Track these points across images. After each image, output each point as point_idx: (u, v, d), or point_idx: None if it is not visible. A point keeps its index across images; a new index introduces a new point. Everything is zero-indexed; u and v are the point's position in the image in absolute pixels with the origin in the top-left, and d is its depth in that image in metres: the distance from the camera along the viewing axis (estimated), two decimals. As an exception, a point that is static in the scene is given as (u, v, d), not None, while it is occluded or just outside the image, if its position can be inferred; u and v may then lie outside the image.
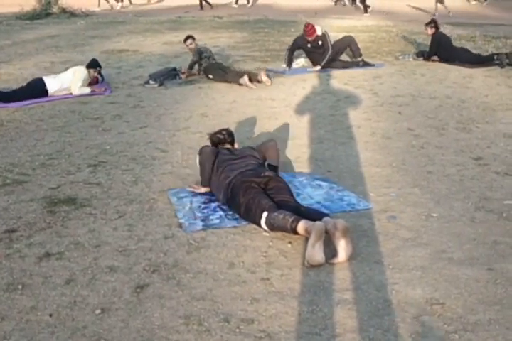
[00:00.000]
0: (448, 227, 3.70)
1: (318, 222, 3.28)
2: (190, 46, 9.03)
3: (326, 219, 3.38)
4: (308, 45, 9.24)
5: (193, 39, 9.08)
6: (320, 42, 9.13)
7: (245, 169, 4.02)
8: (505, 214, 3.89)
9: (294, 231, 3.39)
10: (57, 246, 3.50)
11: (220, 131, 4.59)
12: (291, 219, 3.38)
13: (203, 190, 4.28)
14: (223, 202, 4.07)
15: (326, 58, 9.07)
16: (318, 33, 9.16)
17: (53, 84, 7.58)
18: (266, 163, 4.33)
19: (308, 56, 9.48)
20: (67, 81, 7.67)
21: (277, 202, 3.69)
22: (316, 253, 3.18)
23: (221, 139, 4.51)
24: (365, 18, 17.87)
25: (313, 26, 9.24)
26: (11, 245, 3.53)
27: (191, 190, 4.31)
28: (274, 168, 4.26)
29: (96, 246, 3.51)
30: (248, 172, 3.96)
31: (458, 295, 2.93)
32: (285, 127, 5.99)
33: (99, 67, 8.07)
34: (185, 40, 9.11)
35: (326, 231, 3.28)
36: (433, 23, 9.83)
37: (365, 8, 19.92)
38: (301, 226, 3.33)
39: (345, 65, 9.40)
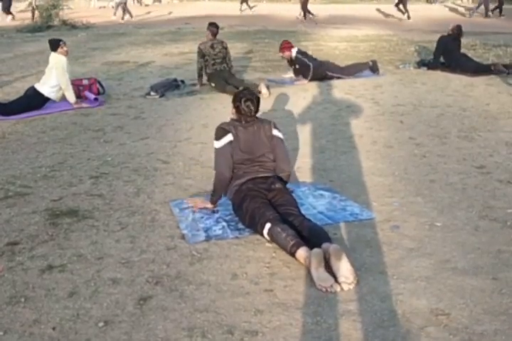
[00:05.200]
0: (452, 237, 3.69)
1: (315, 250, 3.23)
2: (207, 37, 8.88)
3: (324, 245, 3.32)
4: (293, 67, 9.28)
5: (211, 32, 8.84)
6: (297, 66, 9.11)
7: (256, 176, 3.98)
8: (509, 222, 3.87)
9: (292, 255, 3.37)
10: (60, 259, 3.49)
11: (249, 99, 4.04)
12: (292, 243, 3.36)
13: (209, 206, 4.20)
14: (229, 199, 4.08)
15: (310, 74, 9.03)
16: (293, 54, 9.08)
17: (45, 88, 7.55)
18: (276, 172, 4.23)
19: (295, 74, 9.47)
20: (54, 79, 7.54)
21: (282, 213, 3.69)
22: (322, 274, 3.13)
23: (246, 112, 4.05)
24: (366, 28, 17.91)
25: (288, 44, 9.19)
26: (14, 258, 3.52)
27: (194, 207, 4.22)
28: (283, 181, 4.18)
29: (98, 258, 3.50)
30: (258, 181, 3.94)
31: (463, 305, 2.91)
32: (286, 137, 5.97)
33: (61, 40, 7.75)
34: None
35: (325, 257, 3.24)
36: (456, 26, 9.77)
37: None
38: (300, 254, 3.31)
39: (355, 70, 9.41)
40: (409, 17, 20.62)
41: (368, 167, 5.07)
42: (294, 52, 9.09)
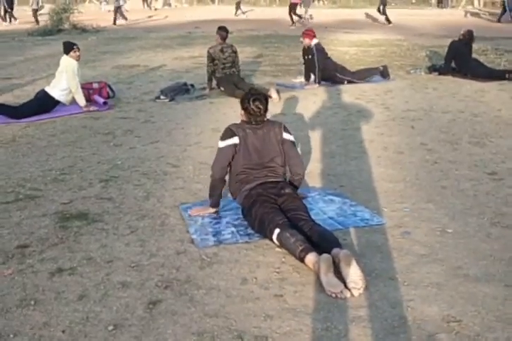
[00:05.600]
0: (463, 243, 3.66)
1: (324, 255, 3.20)
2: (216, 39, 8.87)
3: (334, 251, 3.30)
4: (305, 57, 9.25)
5: (220, 36, 8.80)
6: (310, 56, 9.06)
7: (265, 181, 3.97)
8: (522, 229, 3.84)
9: (302, 261, 3.35)
10: (70, 262, 3.49)
11: (257, 99, 3.99)
12: (300, 248, 3.33)
13: (212, 210, 4.19)
14: (238, 204, 4.07)
15: (317, 75, 9.02)
16: (312, 43, 9.02)
17: (55, 92, 7.57)
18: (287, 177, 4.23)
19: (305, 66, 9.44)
20: (64, 82, 7.56)
21: (291, 218, 3.66)
22: (331, 280, 3.11)
23: (255, 112, 4.00)
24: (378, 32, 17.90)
25: (312, 32, 9.14)
26: (24, 260, 3.51)
27: (196, 214, 4.17)
28: (294, 186, 4.16)
29: (108, 261, 3.49)
30: (268, 186, 3.92)
31: (475, 312, 2.88)
32: (297, 142, 5.96)
33: (75, 44, 7.72)
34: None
35: (334, 262, 3.21)
36: (467, 31, 9.74)
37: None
38: (310, 259, 3.28)
39: (365, 75, 9.40)
40: (389, 21, 21.45)
41: (379, 172, 5.05)
42: (313, 42, 9.04)
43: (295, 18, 21.92)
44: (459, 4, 31.05)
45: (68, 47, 7.63)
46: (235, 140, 4.01)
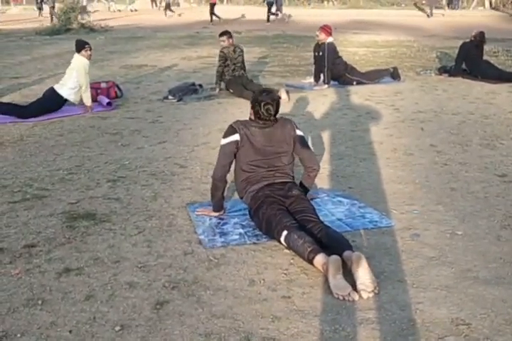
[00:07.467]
0: (473, 246, 3.62)
1: (333, 257, 3.16)
2: (222, 43, 8.80)
3: (346, 253, 3.26)
4: (315, 53, 9.20)
5: (229, 37, 8.76)
6: (320, 53, 9.02)
7: (273, 182, 3.93)
8: (532, 232, 3.81)
9: (310, 262, 3.32)
10: (77, 262, 3.48)
11: (268, 103, 3.88)
12: (309, 249, 3.30)
13: (215, 214, 4.15)
14: (245, 204, 4.04)
15: (326, 74, 8.99)
16: (327, 40, 8.97)
17: (64, 90, 7.54)
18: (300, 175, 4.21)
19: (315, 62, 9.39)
20: (73, 80, 7.53)
21: (300, 220, 3.63)
22: (339, 282, 3.08)
23: (265, 116, 3.93)
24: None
25: (330, 29, 9.10)
26: (31, 260, 3.51)
27: (201, 214, 4.17)
28: (304, 188, 4.13)
29: (115, 261, 3.48)
30: (276, 188, 3.89)
31: (484, 315, 2.85)
32: (305, 143, 5.96)
33: (87, 43, 7.71)
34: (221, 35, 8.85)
35: (344, 263, 3.19)
36: (478, 32, 9.71)
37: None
38: (318, 261, 3.24)
39: (375, 77, 9.36)
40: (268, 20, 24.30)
41: (388, 174, 5.02)
42: (328, 40, 9.00)
43: (214, 17, 24.48)
44: (470, 5, 30.97)
45: (80, 46, 7.62)
46: (236, 137, 3.96)
